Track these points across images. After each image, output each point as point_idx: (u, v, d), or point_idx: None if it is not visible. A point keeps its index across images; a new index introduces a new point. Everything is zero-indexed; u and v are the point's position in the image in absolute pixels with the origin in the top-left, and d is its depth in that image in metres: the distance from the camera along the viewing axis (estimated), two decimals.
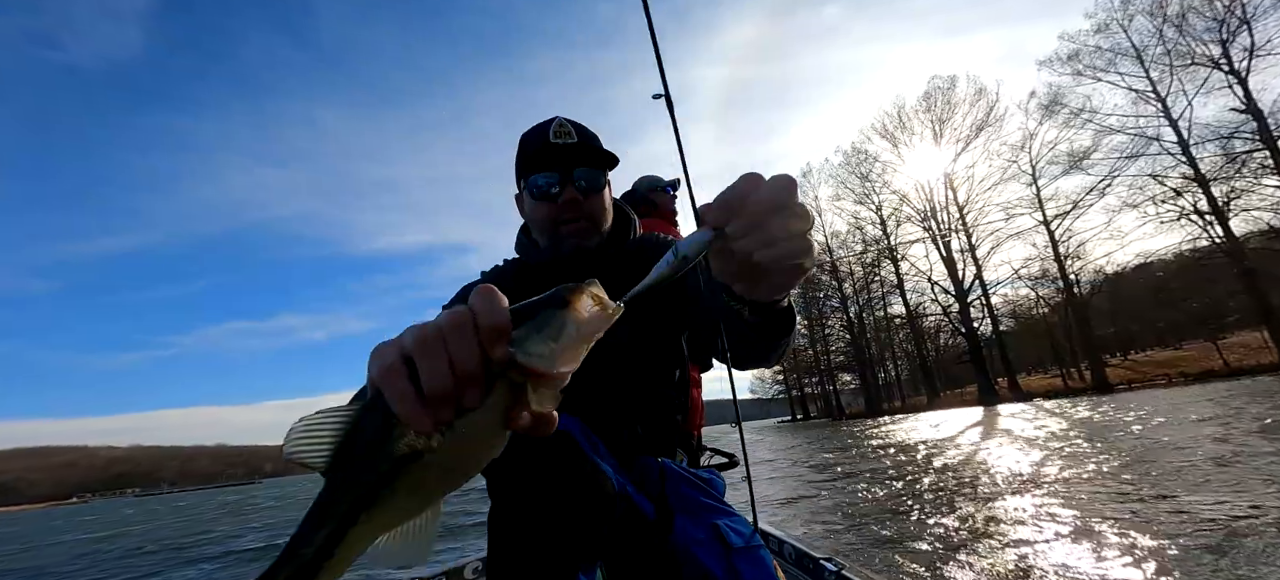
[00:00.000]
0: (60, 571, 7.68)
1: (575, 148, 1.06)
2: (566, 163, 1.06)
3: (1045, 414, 13.53)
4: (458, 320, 0.34)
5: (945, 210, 33.59)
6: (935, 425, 15.31)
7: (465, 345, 0.33)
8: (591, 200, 1.09)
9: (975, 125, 32.21)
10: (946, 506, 4.33)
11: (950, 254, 33.16)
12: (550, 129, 1.07)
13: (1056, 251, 29.11)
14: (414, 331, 0.34)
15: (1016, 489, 4.64)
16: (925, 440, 10.80)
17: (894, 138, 36.01)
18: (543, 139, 1.07)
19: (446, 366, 0.33)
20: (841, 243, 41.30)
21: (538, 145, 1.07)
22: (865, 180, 37.76)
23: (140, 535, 12.02)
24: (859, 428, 20.61)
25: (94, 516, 28.02)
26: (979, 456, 7.22)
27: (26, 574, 8.09)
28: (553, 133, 1.06)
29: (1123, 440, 6.68)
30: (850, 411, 43.84)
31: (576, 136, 1.07)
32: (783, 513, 4.75)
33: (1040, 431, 9.14)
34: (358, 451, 0.35)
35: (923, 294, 36.44)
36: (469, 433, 0.35)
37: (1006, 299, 34.26)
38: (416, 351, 0.33)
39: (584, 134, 1.09)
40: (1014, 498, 4.31)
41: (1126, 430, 7.57)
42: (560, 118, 1.08)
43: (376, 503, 0.34)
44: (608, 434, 0.98)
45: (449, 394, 0.33)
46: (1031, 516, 3.70)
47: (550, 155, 1.06)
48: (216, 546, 8.09)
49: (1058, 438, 7.91)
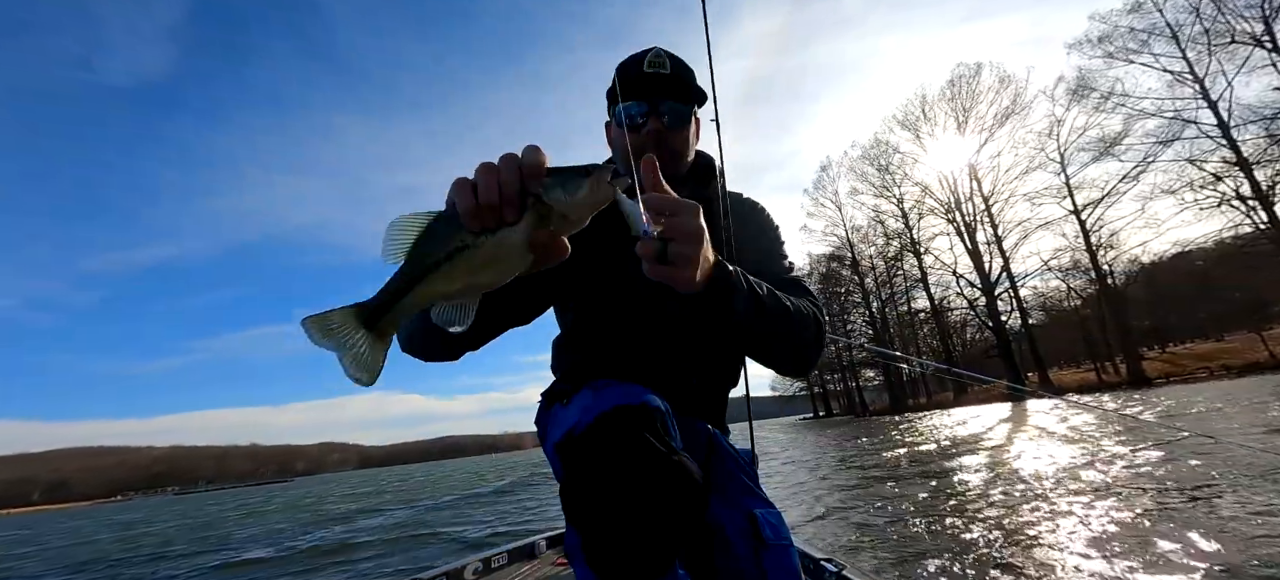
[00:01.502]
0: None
1: (666, 79, 1.04)
2: (656, 92, 1.04)
3: (1079, 409, 13.12)
4: (508, 159, 0.52)
5: (970, 201, 32.81)
6: (963, 422, 15.01)
7: (510, 174, 0.51)
8: (675, 134, 1.06)
9: (1001, 113, 31.35)
10: (986, 512, 4.09)
11: (976, 246, 32.36)
12: (645, 58, 1.05)
13: (1088, 241, 28.17)
14: (480, 165, 0.53)
15: (1058, 491, 4.41)
16: (953, 438, 10.57)
17: (916, 128, 35.28)
18: (637, 68, 1.05)
19: (495, 184, 0.51)
20: (862, 236, 40.68)
21: (631, 73, 1.05)
22: (886, 172, 37.09)
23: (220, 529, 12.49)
24: (884, 425, 20.27)
25: (141, 513, 29.23)
26: (1011, 455, 7.00)
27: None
28: (647, 62, 1.04)
29: (1164, 435, 6.43)
30: (874, 408, 43.15)
31: (670, 68, 1.05)
32: (811, 529, 4.51)
33: (1075, 427, 8.87)
34: (428, 241, 0.53)
35: (947, 287, 35.68)
36: (504, 239, 0.52)
37: (1036, 291, 33.29)
38: (477, 174, 0.52)
39: (678, 67, 1.07)
40: (1055, 501, 4.06)
41: (1169, 425, 7.28)
42: (659, 48, 1.06)
43: (435, 273, 0.52)
44: (664, 376, 0.97)
45: (494, 206, 0.51)
46: (1077, 524, 3.47)
47: (641, 84, 1.04)
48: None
49: (1094, 434, 7.66)
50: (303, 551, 6.84)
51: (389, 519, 9.51)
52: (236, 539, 9.52)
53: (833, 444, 13.47)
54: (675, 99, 1.05)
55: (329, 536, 8.09)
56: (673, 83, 1.05)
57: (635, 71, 1.05)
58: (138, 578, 6.71)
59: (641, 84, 1.04)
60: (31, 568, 9.21)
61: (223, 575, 6.12)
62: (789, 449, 13.55)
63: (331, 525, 9.72)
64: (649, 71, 1.04)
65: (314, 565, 5.78)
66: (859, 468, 7.88)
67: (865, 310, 42.29)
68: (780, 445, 15.46)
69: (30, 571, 8.73)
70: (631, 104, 1.04)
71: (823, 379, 51.22)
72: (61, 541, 13.99)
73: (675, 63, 1.06)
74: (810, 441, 16.05)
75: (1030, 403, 20.38)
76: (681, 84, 1.06)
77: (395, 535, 7.16)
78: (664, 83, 1.04)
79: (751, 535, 0.86)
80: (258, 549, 7.65)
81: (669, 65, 1.05)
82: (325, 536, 8.14)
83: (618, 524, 0.68)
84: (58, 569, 8.38)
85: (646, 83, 1.04)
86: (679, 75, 1.06)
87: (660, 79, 1.04)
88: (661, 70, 1.04)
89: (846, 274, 42.83)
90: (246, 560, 6.78)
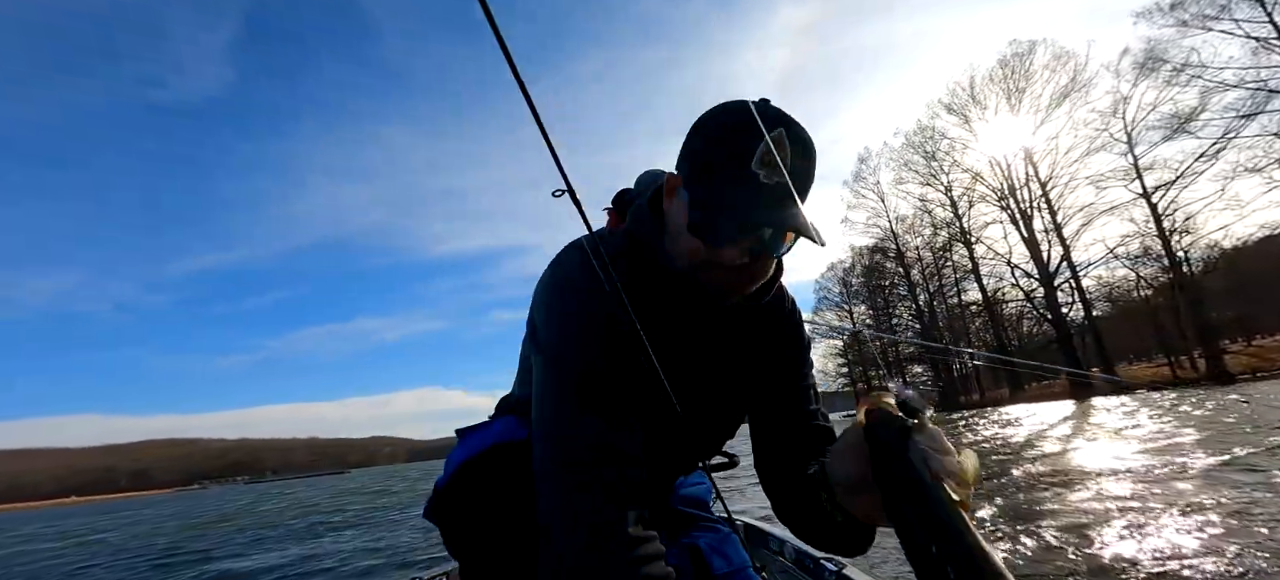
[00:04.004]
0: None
1: (798, 194, 0.66)
2: (784, 215, 0.67)
3: (1151, 407, 12.21)
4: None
5: (1025, 187, 31.02)
6: (1020, 420, 14.26)
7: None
8: (761, 264, 0.73)
9: (1058, 92, 29.44)
10: (1046, 520, 3.89)
11: (1032, 234, 30.57)
12: (757, 149, 0.65)
13: (1159, 226, 26.13)
14: None
15: (1129, 501, 4.06)
16: (1013, 439, 10.06)
17: (964, 112, 33.60)
18: (742, 155, 0.66)
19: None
20: (907, 227, 39.15)
21: (729, 157, 0.67)
22: (932, 160, 35.51)
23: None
24: (939, 423, 19.51)
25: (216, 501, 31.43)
26: (1076, 457, 6.60)
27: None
28: (759, 157, 0.65)
29: (1250, 436, 5.91)
30: None
31: (790, 170, 0.65)
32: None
33: (1147, 428, 8.25)
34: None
35: (1001, 278, 33.86)
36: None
37: (1100, 281, 31.06)
38: None
39: (804, 165, 0.68)
40: (1123, 509, 3.81)
41: (1258, 425, 6.66)
42: (783, 127, 0.66)
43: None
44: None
45: None
46: (1151, 535, 3.24)
47: (764, 193, 0.66)
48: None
49: (1172, 434, 7.11)
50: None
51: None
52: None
53: None
54: (806, 233, 0.68)
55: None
56: (805, 189, 0.69)
57: (736, 160, 0.67)
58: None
59: (746, 191, 0.67)
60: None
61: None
62: None
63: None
64: (756, 172, 0.66)
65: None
66: None
67: (911, 303, 40.76)
68: None
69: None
70: (746, 219, 0.68)
71: (867, 375, 49.72)
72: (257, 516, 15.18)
73: (802, 160, 0.68)
74: None
75: (1096, 400, 19.16)
76: (802, 195, 0.68)
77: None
78: (795, 200, 0.66)
79: (693, 574, 0.84)
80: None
81: (791, 162, 0.66)
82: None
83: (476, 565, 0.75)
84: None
85: (771, 193, 0.66)
86: (803, 182, 0.68)
87: (788, 195, 0.65)
88: (778, 176, 0.65)
89: (891, 266, 41.37)
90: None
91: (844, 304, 47.37)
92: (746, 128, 0.65)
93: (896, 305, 42.23)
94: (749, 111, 0.66)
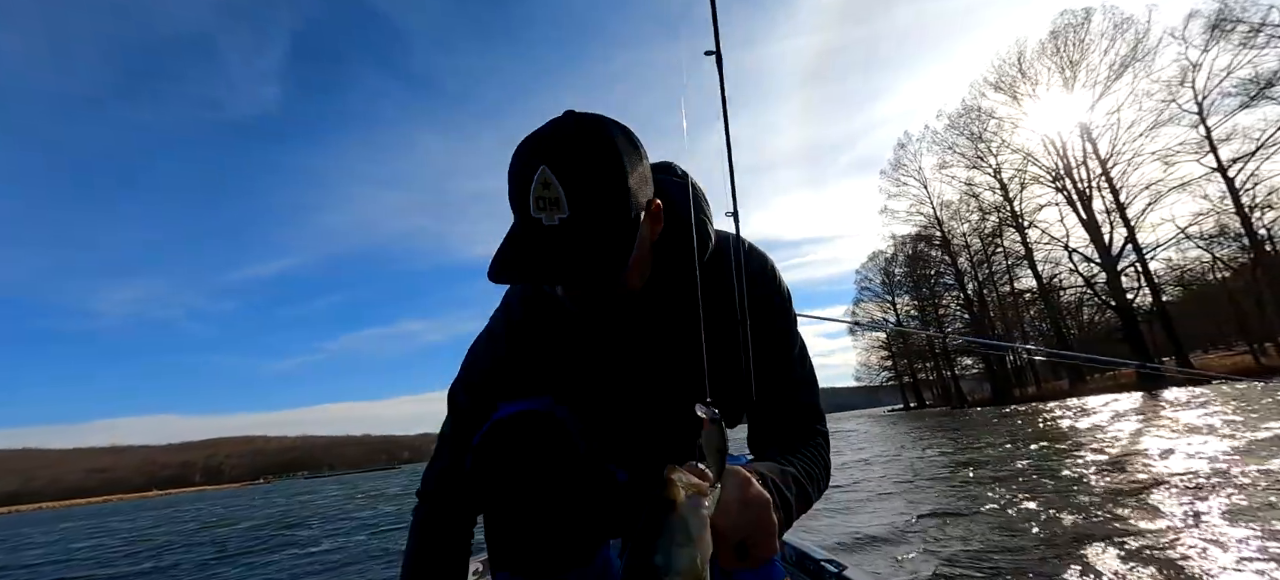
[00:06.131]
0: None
1: (560, 235, 0.64)
2: (547, 261, 0.64)
3: (1231, 399, 11.24)
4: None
5: (1083, 166, 29.14)
6: (1082, 413, 13.44)
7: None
8: (606, 291, 0.74)
9: (1118, 63, 27.48)
10: (1123, 536, 3.63)
11: (1092, 216, 28.70)
12: (530, 192, 0.64)
13: (1237, 202, 24.01)
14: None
15: (1219, 508, 3.63)
16: (1069, 435, 9.49)
17: (1013, 89, 31.84)
18: (523, 204, 0.65)
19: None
20: (953, 213, 37.49)
21: (518, 208, 0.67)
22: (978, 141, 33.83)
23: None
24: (987, 419, 18.63)
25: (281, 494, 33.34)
26: (1149, 457, 6.12)
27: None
28: (534, 200, 0.64)
29: None
30: (974, 399, 39.84)
31: (566, 206, 0.63)
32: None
33: (1227, 422, 7.54)
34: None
35: (1057, 264, 31.97)
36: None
37: (1170, 264, 28.90)
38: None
39: (584, 192, 0.64)
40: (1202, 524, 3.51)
41: None
42: (545, 166, 0.63)
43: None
44: (625, 440, 0.93)
45: None
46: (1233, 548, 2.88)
47: (531, 237, 0.65)
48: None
49: (1255, 429, 6.51)
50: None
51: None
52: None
53: (909, 438, 12.60)
54: (582, 269, 0.64)
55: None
56: (572, 244, 0.64)
57: (521, 209, 0.66)
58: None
59: (530, 236, 0.66)
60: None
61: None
62: (862, 448, 12.81)
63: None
64: (537, 217, 0.65)
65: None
66: (930, 474, 7.29)
67: (959, 293, 39.06)
68: (854, 442, 14.65)
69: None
70: (517, 269, 0.66)
71: (913, 368, 48.00)
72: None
73: (577, 188, 0.64)
74: (884, 434, 15.09)
75: (1168, 392, 17.86)
76: (585, 246, 0.64)
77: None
78: (556, 244, 0.64)
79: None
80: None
81: (564, 200, 0.63)
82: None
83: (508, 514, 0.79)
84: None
85: (535, 237, 0.65)
86: (584, 216, 0.64)
87: (551, 236, 0.64)
88: (558, 212, 0.64)
89: (936, 255, 39.75)
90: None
91: (886, 295, 45.91)
92: (517, 173, 0.66)
93: (943, 295, 40.57)
94: (519, 152, 0.67)
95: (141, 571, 7.28)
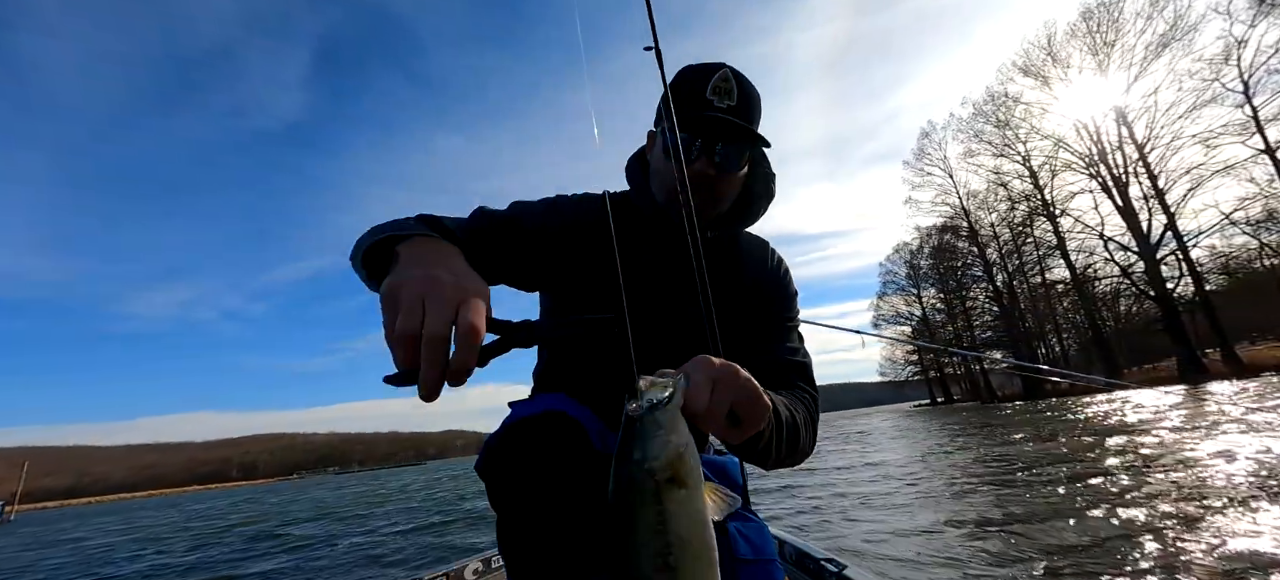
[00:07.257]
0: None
1: (729, 113, 0.91)
2: (712, 128, 0.91)
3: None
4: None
5: (1118, 151, 28.02)
6: (1117, 410, 12.93)
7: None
8: (723, 180, 0.94)
9: (1155, 42, 26.33)
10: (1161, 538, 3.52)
11: (1129, 202, 27.58)
12: (710, 82, 0.91)
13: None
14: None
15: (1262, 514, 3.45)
16: (1101, 432, 9.10)
17: (1042, 74, 30.80)
18: (698, 90, 0.91)
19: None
20: (980, 202, 36.50)
21: (689, 94, 0.92)
22: (1006, 128, 32.83)
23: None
24: (1006, 417, 18.02)
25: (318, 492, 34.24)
26: (1191, 456, 5.83)
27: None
28: (711, 87, 0.91)
29: None
30: (1003, 394, 38.81)
31: (736, 98, 0.92)
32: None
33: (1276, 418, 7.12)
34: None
35: (1092, 253, 30.83)
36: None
37: (1213, 251, 27.63)
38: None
39: (745, 98, 0.93)
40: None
41: None
42: (728, 69, 0.92)
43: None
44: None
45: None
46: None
47: (700, 112, 0.91)
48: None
49: None
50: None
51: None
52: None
53: (932, 436, 12.26)
54: (735, 140, 0.92)
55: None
56: (734, 121, 0.91)
57: (694, 93, 0.92)
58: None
59: (700, 112, 0.91)
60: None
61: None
62: (874, 449, 12.55)
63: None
64: (711, 99, 0.91)
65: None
66: (950, 473, 7.07)
67: (988, 284, 38.00)
68: (866, 440, 14.34)
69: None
70: (686, 134, 0.91)
71: (939, 361, 46.92)
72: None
73: (743, 91, 0.93)
74: (905, 429, 14.69)
75: (1213, 385, 17.09)
76: (741, 126, 0.91)
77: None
78: (723, 118, 0.90)
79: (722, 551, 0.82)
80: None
81: (735, 94, 0.92)
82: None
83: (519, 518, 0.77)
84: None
85: (705, 112, 0.90)
86: (745, 107, 0.93)
87: (720, 113, 0.90)
88: (726, 100, 0.91)
89: (963, 246, 38.78)
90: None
91: (912, 288, 44.98)
92: (696, 73, 0.93)
93: (970, 287, 39.55)
94: (697, 65, 0.94)
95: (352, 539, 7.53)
